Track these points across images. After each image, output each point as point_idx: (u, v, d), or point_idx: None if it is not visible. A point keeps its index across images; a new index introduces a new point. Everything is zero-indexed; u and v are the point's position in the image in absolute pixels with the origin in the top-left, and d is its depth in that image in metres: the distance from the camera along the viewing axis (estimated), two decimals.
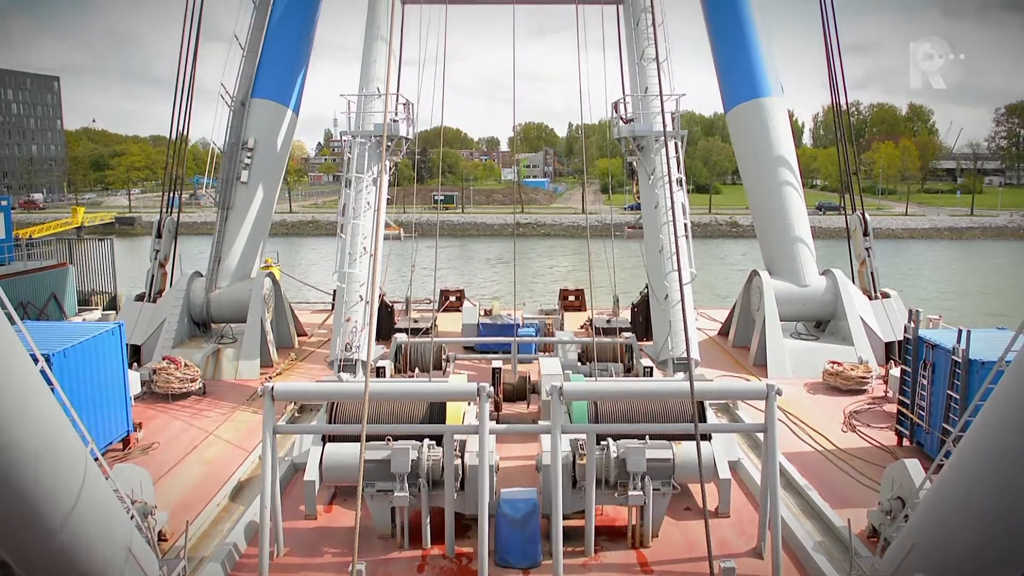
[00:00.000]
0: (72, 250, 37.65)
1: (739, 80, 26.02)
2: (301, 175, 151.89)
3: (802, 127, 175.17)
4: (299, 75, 26.82)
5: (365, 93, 22.05)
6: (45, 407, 7.58)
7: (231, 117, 25.82)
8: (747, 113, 25.94)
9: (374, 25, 23.05)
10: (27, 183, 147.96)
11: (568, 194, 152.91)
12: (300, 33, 26.71)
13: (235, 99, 25.77)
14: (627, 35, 23.86)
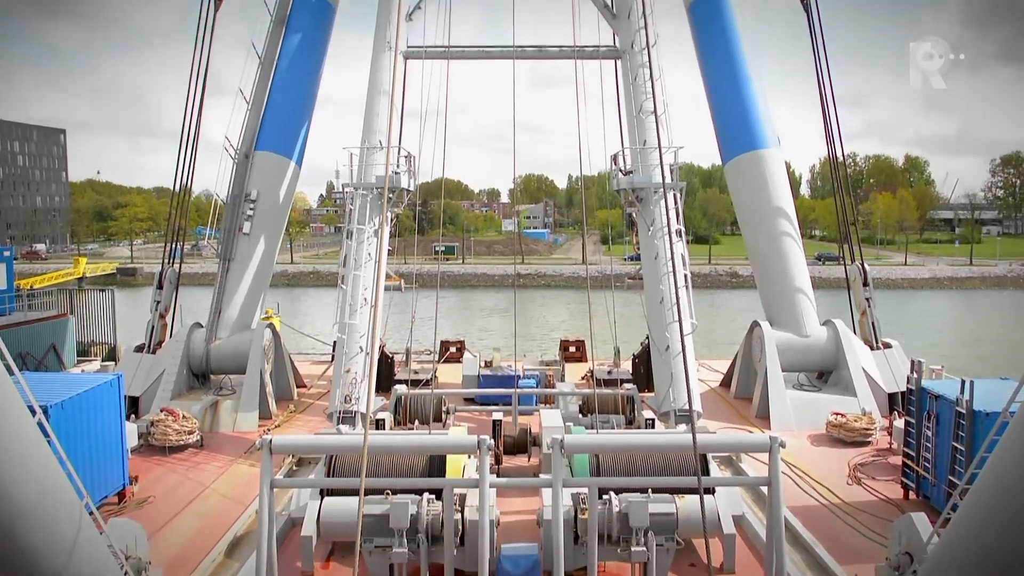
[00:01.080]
0: (73, 300, 37.72)
1: (736, 132, 26.38)
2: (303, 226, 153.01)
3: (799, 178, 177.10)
4: (302, 128, 27.21)
5: (368, 146, 22.33)
6: (41, 460, 7.50)
7: (234, 169, 26.11)
8: (745, 165, 26.23)
9: (377, 79, 23.45)
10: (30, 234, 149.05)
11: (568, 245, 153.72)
12: (304, 87, 27.19)
13: (239, 151, 26.10)
14: (625, 89, 24.27)
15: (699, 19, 27.10)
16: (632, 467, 13.66)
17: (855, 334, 25.97)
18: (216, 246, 26.90)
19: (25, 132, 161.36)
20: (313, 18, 26.97)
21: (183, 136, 26.26)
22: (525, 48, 25.97)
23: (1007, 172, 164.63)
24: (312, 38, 26.97)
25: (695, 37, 27.40)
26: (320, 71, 27.69)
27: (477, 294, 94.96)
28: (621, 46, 24.54)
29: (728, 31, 26.55)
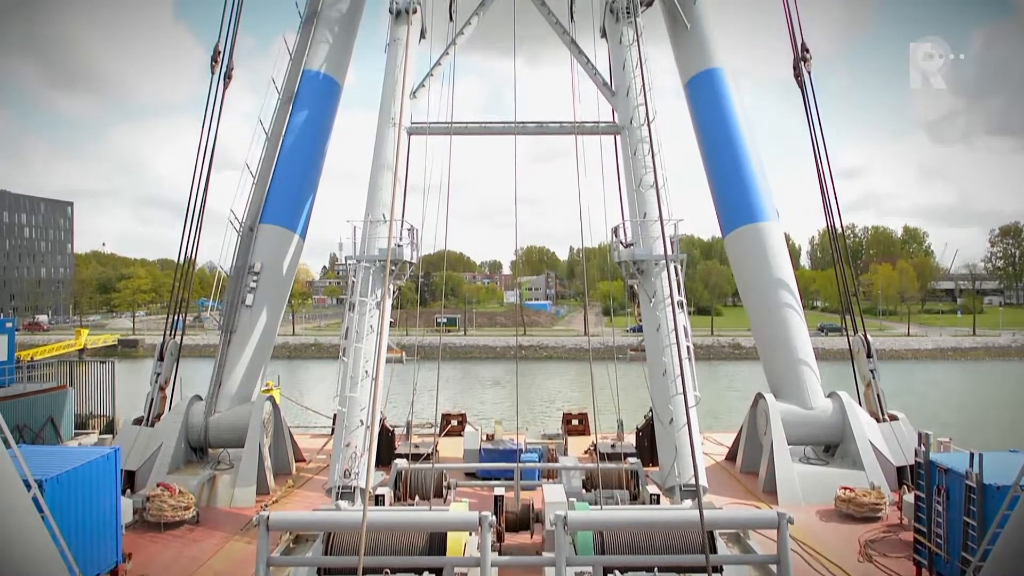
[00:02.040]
0: (73, 372, 37.52)
1: (735, 205, 26.73)
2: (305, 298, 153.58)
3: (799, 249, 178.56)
4: (307, 201, 27.61)
5: (371, 219, 22.59)
6: (34, 535, 7.35)
7: (239, 242, 26.36)
8: (744, 237, 26.47)
9: (381, 154, 23.90)
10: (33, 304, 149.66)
11: (570, 316, 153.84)
12: (309, 161, 27.69)
13: (244, 224, 26.39)
14: (625, 163, 24.69)
15: (696, 95, 27.82)
16: (637, 545, 13.35)
17: (861, 406, 25.72)
18: (218, 318, 26.94)
19: (33, 204, 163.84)
20: (320, 96, 27.67)
21: (189, 209, 26.61)
22: (526, 124, 26.58)
23: (1006, 242, 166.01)
24: (318, 115, 27.62)
25: (693, 112, 28.06)
26: (325, 146, 28.26)
27: (479, 366, 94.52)
28: (620, 122, 25.08)
29: (725, 106, 27.21)
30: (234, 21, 27.27)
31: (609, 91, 26.29)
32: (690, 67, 27.66)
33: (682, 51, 28.04)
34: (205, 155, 26.51)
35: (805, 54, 27.34)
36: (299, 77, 27.27)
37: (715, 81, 27.17)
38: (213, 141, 26.64)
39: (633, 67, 24.15)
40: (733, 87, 27.36)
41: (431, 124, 25.36)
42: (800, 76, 27.47)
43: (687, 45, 27.69)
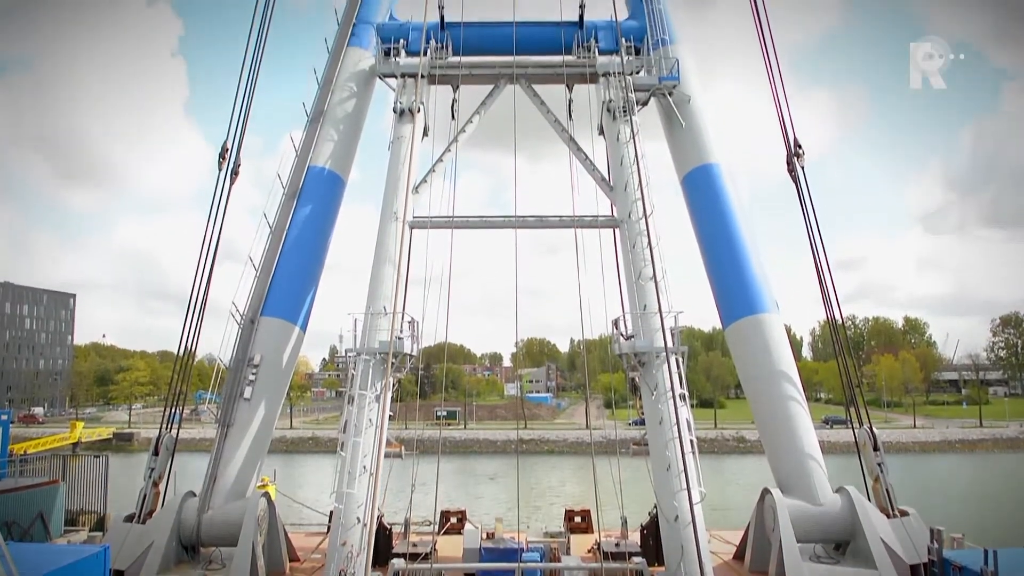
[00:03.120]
0: (66, 466, 36.89)
1: (734, 297, 26.81)
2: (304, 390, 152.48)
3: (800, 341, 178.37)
4: (309, 294, 27.74)
5: (372, 311, 22.66)
6: None
7: (239, 334, 26.32)
8: (745, 329, 26.44)
9: (383, 247, 24.18)
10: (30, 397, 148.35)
11: (571, 409, 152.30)
12: (312, 255, 27.96)
13: (245, 317, 26.43)
14: (624, 255, 24.93)
15: (693, 190, 28.31)
16: None
17: (870, 501, 25.09)
18: (215, 411, 26.62)
19: (36, 296, 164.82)
20: (324, 191, 28.20)
21: (191, 301, 26.69)
22: (526, 218, 27.00)
23: (1008, 332, 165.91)
24: (322, 209, 28.08)
25: (690, 207, 28.52)
26: (328, 240, 28.61)
27: (479, 460, 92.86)
28: (619, 216, 25.49)
29: (721, 200, 27.62)
30: (243, 120, 28.10)
31: (607, 186, 26.84)
32: (686, 163, 28.27)
33: (678, 148, 28.71)
34: (209, 248, 26.82)
35: (798, 150, 27.97)
36: (304, 173, 27.87)
37: (711, 176, 27.70)
38: (218, 235, 26.99)
39: (630, 163, 24.73)
40: (729, 181, 27.88)
41: (433, 218, 25.80)
42: (794, 171, 28.04)
43: (682, 142, 28.37)
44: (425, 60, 27.41)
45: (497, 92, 28.98)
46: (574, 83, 29.17)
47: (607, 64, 27.53)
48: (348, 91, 28.61)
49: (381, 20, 29.83)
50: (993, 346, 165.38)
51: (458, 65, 28.59)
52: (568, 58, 28.95)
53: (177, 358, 27.99)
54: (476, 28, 29.12)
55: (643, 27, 28.57)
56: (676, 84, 27.44)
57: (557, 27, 29.12)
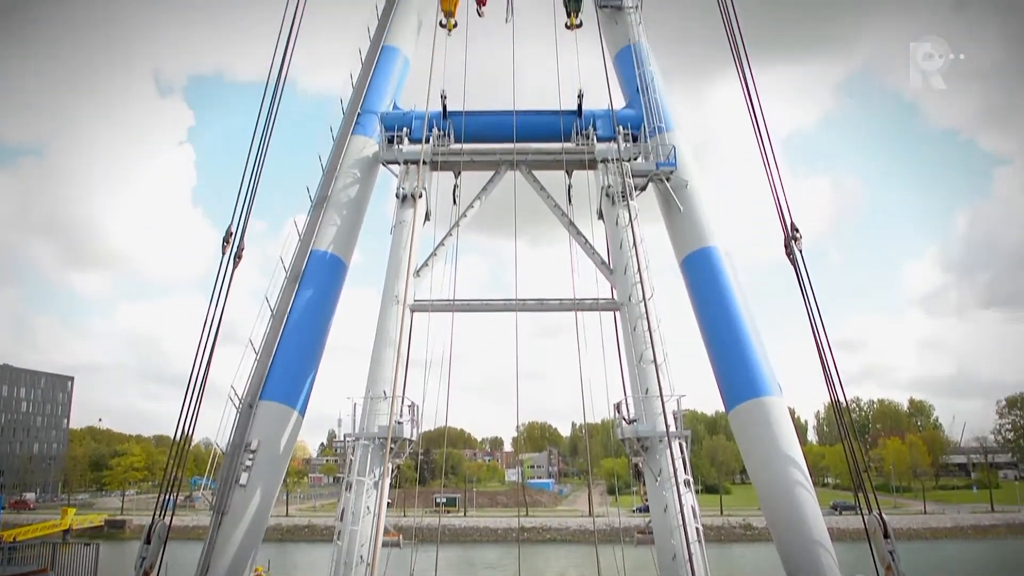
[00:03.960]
0: (55, 555, 35.87)
1: (737, 381, 26.58)
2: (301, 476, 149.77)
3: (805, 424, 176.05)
4: (308, 378, 27.52)
5: (372, 395, 22.49)
6: None
7: (237, 418, 26.00)
8: (748, 413, 26.11)
9: (384, 330, 24.20)
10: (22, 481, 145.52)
11: (574, 495, 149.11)
12: (313, 339, 27.89)
13: (243, 401, 26.16)
14: (625, 338, 24.92)
15: (692, 273, 28.43)
16: None
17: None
18: (210, 498, 26.04)
19: (34, 379, 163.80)
20: (326, 275, 28.35)
21: (189, 385, 26.43)
22: (527, 301, 27.10)
23: (1014, 414, 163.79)
24: (323, 293, 28.16)
25: (689, 290, 28.60)
26: (329, 324, 28.59)
27: (479, 549, 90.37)
28: (619, 299, 25.59)
29: (721, 283, 27.71)
30: (247, 205, 28.48)
31: (607, 269, 27.04)
32: (685, 246, 28.50)
33: (676, 231, 29.00)
34: (210, 332, 26.78)
35: (795, 233, 28.23)
36: (307, 257, 28.10)
37: (710, 259, 27.87)
38: (219, 319, 26.97)
39: (629, 247, 24.99)
40: (727, 264, 28.05)
41: (434, 301, 25.90)
42: (792, 254, 28.23)
43: (681, 226, 28.68)
44: (427, 147, 28.06)
45: (498, 178, 29.54)
46: (573, 169, 29.76)
47: (605, 151, 28.18)
48: (352, 177, 29.12)
49: (385, 109, 30.62)
50: (1000, 428, 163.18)
51: (460, 152, 29.24)
52: (567, 145, 29.62)
53: (173, 443, 27.57)
54: (477, 116, 29.90)
55: (640, 115, 29.30)
56: (673, 170, 27.95)
57: (556, 115, 29.91)
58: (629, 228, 25.42)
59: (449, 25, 34.11)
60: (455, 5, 34.54)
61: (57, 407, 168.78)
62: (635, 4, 31.85)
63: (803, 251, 27.95)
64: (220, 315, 26.98)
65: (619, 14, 31.91)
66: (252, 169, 28.04)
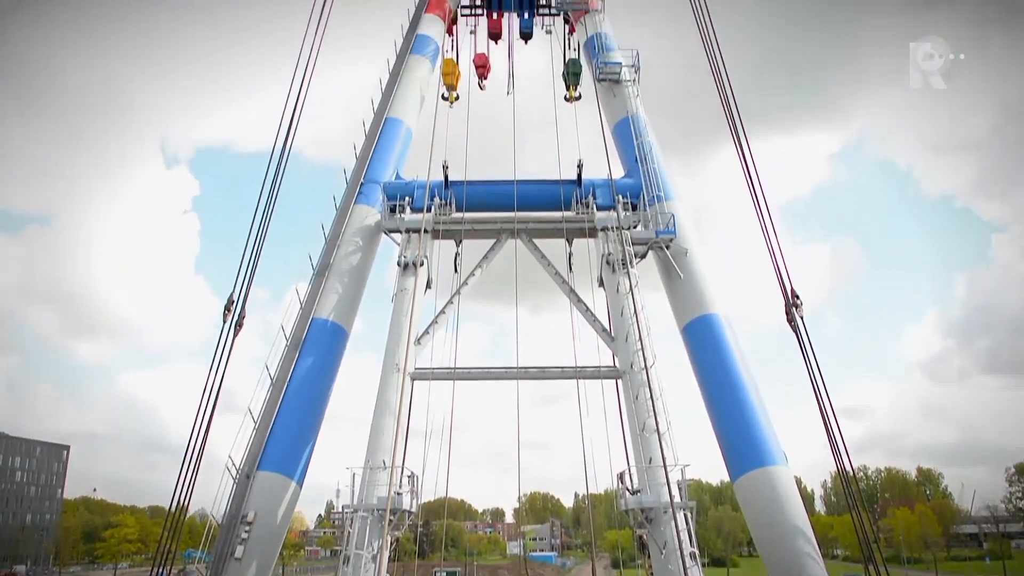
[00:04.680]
0: None
1: (742, 450, 26.21)
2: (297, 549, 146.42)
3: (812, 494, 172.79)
4: (307, 448, 27.17)
5: (371, 466, 22.19)
6: None
7: (234, 489, 25.57)
8: (754, 482, 25.67)
9: (384, 399, 24.04)
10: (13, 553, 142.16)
11: (577, 569, 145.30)
12: (312, 408, 27.64)
13: (240, 471, 25.77)
14: (627, 407, 24.70)
15: (693, 341, 28.36)
16: None
17: None
18: (204, 571, 25.40)
19: (29, 448, 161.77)
20: (327, 343, 28.29)
21: (187, 455, 26.08)
22: (528, 369, 26.97)
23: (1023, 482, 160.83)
24: (324, 361, 28.06)
25: (691, 357, 28.48)
26: (329, 392, 28.39)
27: None
28: (621, 366, 25.47)
29: (723, 350, 27.60)
30: (250, 272, 28.61)
31: (609, 336, 26.99)
32: (685, 314, 28.50)
33: (677, 299, 29.05)
34: (208, 400, 26.57)
35: (796, 300, 28.27)
36: (308, 325, 28.09)
37: (711, 326, 27.83)
38: (218, 387, 26.77)
39: (630, 315, 25.00)
40: (729, 331, 27.99)
41: (435, 369, 25.79)
42: (793, 320, 28.21)
43: (681, 293, 28.74)
44: (429, 216, 28.37)
45: (499, 246, 29.78)
46: (574, 237, 30.02)
47: (605, 219, 28.48)
48: (354, 245, 29.35)
49: (388, 179, 31.07)
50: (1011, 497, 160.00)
51: (461, 221, 29.54)
52: (567, 214, 29.97)
53: (168, 514, 27.05)
54: (479, 186, 30.33)
55: (639, 184, 29.72)
56: (673, 238, 28.17)
57: (556, 185, 30.33)
58: (630, 296, 25.49)
59: (451, 98, 35.06)
60: (457, 79, 35.54)
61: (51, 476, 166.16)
62: (632, 78, 32.71)
63: (804, 317, 28.00)
64: (219, 383, 26.79)
65: (617, 87, 32.74)
66: (255, 238, 28.32)
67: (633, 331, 24.76)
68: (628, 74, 32.81)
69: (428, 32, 35.31)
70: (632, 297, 25.23)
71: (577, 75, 36.48)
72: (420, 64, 34.07)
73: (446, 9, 36.82)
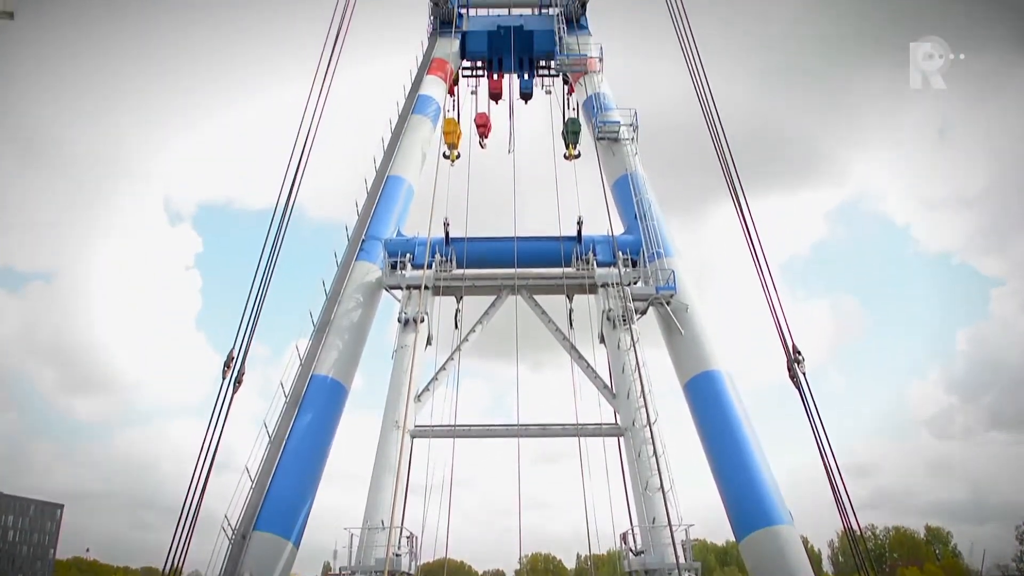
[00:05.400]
0: None
1: (747, 509, 25.74)
2: None
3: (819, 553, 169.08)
4: (305, 507, 26.70)
5: (369, 526, 21.81)
6: None
7: (229, 550, 25.06)
8: (760, 543, 25.13)
9: (383, 456, 23.81)
10: None
11: None
12: (310, 466, 27.25)
13: (236, 531, 25.29)
14: (630, 465, 24.41)
15: (695, 397, 28.08)
16: None
17: None
18: None
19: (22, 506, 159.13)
20: (326, 400, 28.05)
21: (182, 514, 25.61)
22: (529, 427, 26.72)
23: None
24: (323, 419, 27.77)
25: (693, 414, 28.17)
26: (328, 450, 28.03)
27: None
28: (623, 423, 25.25)
29: (726, 407, 27.30)
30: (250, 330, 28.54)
31: (610, 393, 26.81)
32: (687, 370, 28.28)
33: (678, 355, 28.88)
34: (205, 459, 26.24)
35: (798, 355, 28.12)
36: (307, 382, 27.91)
37: (713, 383, 27.60)
38: (216, 445, 26.45)
39: (631, 371, 24.87)
40: (731, 387, 27.74)
41: (435, 427, 25.56)
42: (795, 377, 28.02)
43: (683, 349, 28.59)
44: (430, 273, 28.46)
45: (499, 302, 29.79)
46: (574, 293, 30.05)
47: (606, 275, 28.56)
48: (355, 302, 29.36)
49: (389, 235, 31.24)
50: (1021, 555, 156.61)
51: (462, 277, 29.61)
52: (568, 270, 30.06)
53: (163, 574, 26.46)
54: (479, 243, 30.50)
55: (639, 240, 29.85)
56: (673, 294, 28.16)
57: (556, 241, 30.49)
58: (631, 352, 25.40)
59: (452, 157, 35.56)
60: (458, 138, 36.09)
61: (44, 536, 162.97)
62: (631, 136, 33.20)
63: (806, 373, 27.82)
64: (217, 441, 26.44)
65: (616, 145, 33.21)
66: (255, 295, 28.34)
67: (635, 388, 24.61)
68: (626, 132, 33.30)
69: (430, 92, 35.99)
70: (633, 353, 25.13)
71: (576, 134, 37.06)
72: (422, 123, 34.63)
73: (448, 71, 37.59)
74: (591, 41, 37.96)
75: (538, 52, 38.65)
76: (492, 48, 38.70)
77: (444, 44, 38.41)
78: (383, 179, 32.29)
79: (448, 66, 37.76)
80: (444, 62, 37.65)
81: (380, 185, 32.15)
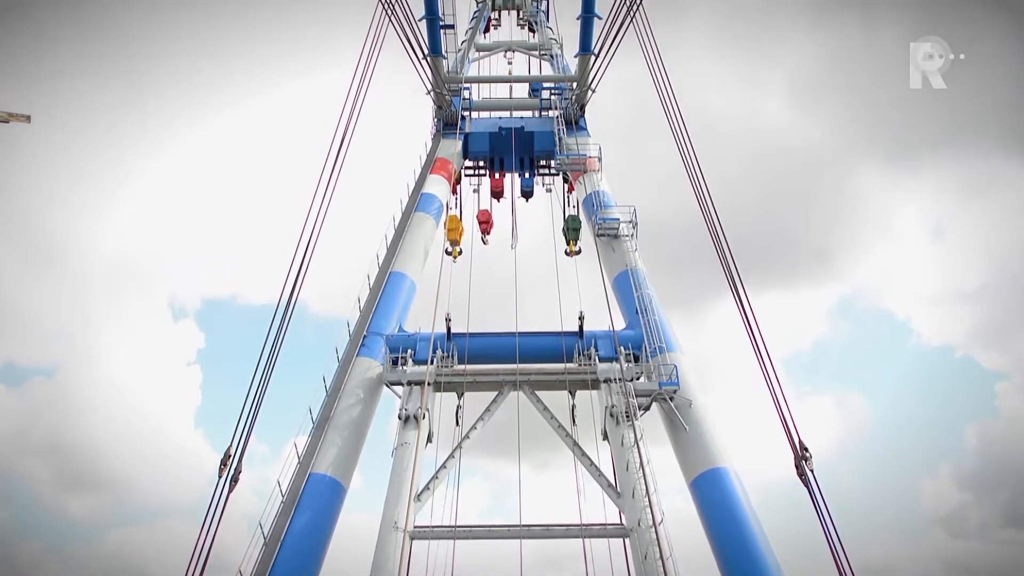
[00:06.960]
0: None
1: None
2: None
3: None
4: None
5: None
6: None
7: None
8: None
9: (382, 558, 23.22)
10: None
11: None
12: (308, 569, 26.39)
13: None
14: (636, 567, 23.67)
15: (702, 495, 27.36)
16: None
17: None
18: None
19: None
20: (324, 499, 27.37)
21: None
22: (531, 527, 25.98)
23: None
24: (321, 518, 27.02)
25: (700, 512, 27.38)
26: (325, 551, 27.06)
27: None
28: (628, 523, 24.58)
29: (734, 506, 26.61)
30: (248, 427, 28.13)
31: (615, 492, 26.20)
32: (693, 468, 27.69)
33: (683, 452, 28.35)
34: (198, 564, 25.42)
35: (805, 452, 27.60)
36: (304, 481, 27.33)
37: (720, 481, 27.00)
38: (210, 547, 25.67)
39: (636, 469, 24.41)
40: (739, 486, 27.10)
41: (434, 528, 24.89)
42: (803, 475, 27.41)
43: (688, 446, 28.09)
44: (431, 369, 28.33)
45: (501, 398, 29.50)
46: (576, 389, 29.75)
47: (608, 371, 28.39)
48: (355, 398, 29.07)
49: (391, 331, 31.24)
50: None
51: (463, 373, 29.43)
52: (570, 366, 29.92)
53: None
54: (481, 338, 30.48)
55: (641, 336, 29.86)
56: (677, 389, 27.92)
57: (558, 336, 30.49)
58: (635, 449, 24.99)
59: (455, 253, 36.03)
60: (460, 235, 36.68)
61: None
62: (630, 233, 33.79)
63: (814, 471, 27.25)
64: (211, 542, 25.71)
65: (616, 242, 33.74)
66: (255, 392, 28.11)
67: (640, 486, 24.08)
68: (626, 229, 33.89)
69: (433, 191, 36.83)
70: (638, 450, 24.70)
71: (577, 230, 37.67)
72: (424, 221, 35.26)
73: (450, 170, 38.60)
74: (590, 141, 39.18)
75: (538, 152, 39.79)
76: (494, 148, 39.85)
77: (447, 144, 39.62)
78: (386, 275, 32.60)
79: (451, 165, 38.78)
80: (447, 161, 38.70)
81: (383, 281, 32.43)
